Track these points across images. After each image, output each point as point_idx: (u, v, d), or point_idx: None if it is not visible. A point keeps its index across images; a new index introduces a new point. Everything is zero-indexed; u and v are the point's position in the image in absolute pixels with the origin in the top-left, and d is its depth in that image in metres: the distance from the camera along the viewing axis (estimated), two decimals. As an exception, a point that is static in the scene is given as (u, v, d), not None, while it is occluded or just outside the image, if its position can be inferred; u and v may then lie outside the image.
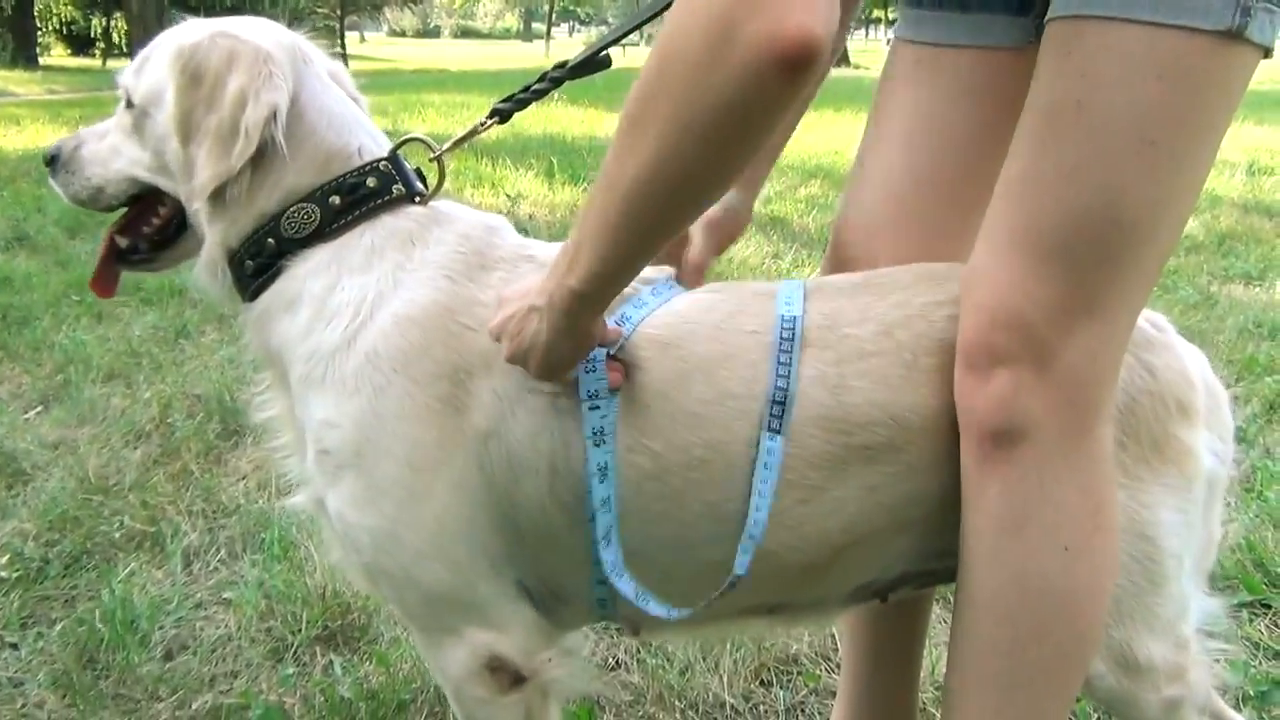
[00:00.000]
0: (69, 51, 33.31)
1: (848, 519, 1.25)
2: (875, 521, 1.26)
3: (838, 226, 1.56)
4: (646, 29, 1.38)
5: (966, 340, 1.20)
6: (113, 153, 1.44)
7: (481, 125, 1.34)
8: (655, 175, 1.02)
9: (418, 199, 1.36)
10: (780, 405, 1.22)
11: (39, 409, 3.33)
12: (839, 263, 1.53)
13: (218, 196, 1.32)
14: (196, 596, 2.29)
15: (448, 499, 1.24)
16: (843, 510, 1.25)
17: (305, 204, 1.32)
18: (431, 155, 1.40)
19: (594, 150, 8.79)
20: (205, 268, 1.40)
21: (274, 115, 1.29)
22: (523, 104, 1.29)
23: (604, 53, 1.34)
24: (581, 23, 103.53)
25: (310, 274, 1.31)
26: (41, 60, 28.66)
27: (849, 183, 1.56)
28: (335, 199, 1.32)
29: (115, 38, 32.55)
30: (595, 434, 1.21)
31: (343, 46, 38.81)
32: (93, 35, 33.55)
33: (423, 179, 1.41)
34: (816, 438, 1.22)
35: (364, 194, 1.33)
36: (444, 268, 1.29)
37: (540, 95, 1.29)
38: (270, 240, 1.33)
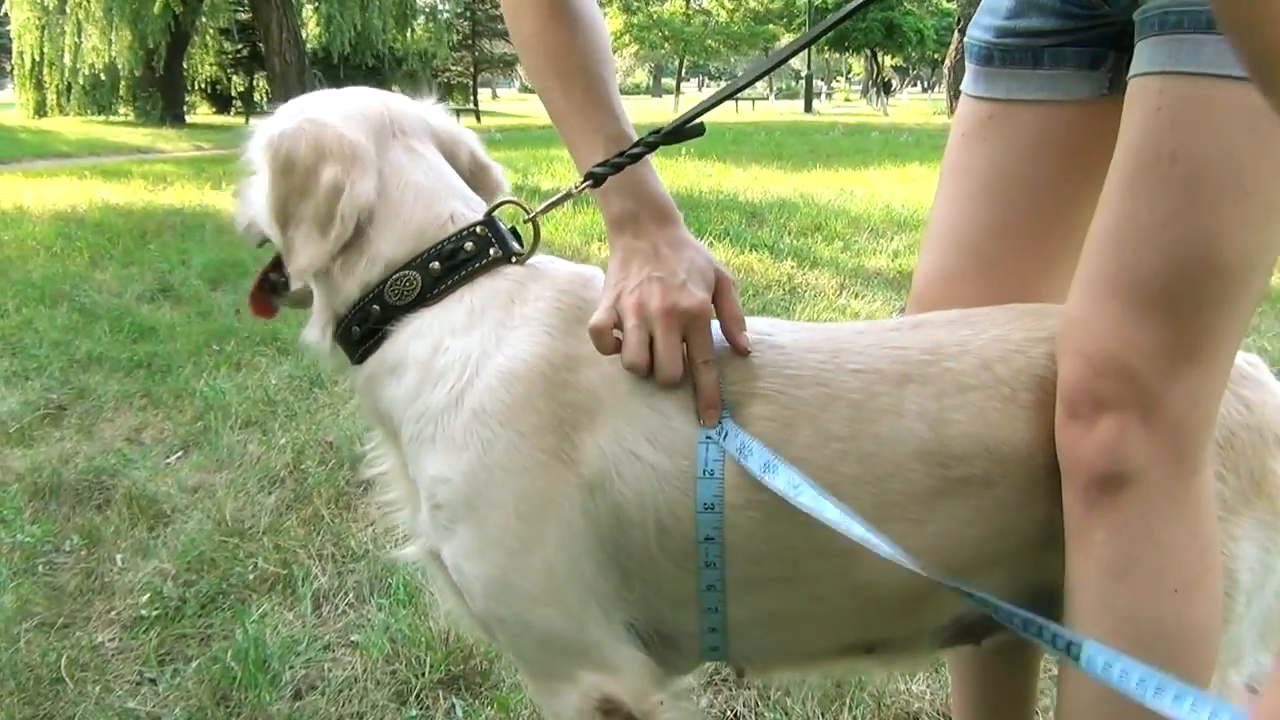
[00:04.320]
0: (214, 110, 34.77)
1: (944, 554, 1.27)
2: (967, 555, 1.28)
3: (916, 280, 1.60)
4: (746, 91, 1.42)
5: (1069, 387, 1.22)
6: (255, 199, 1.49)
7: (575, 189, 1.38)
8: None
9: (514, 259, 1.40)
10: None
11: (179, 454, 3.49)
12: (920, 311, 1.56)
13: (319, 273, 1.40)
14: (325, 638, 2.37)
15: (556, 546, 1.27)
16: (940, 545, 1.27)
17: (407, 271, 1.37)
18: (525, 217, 1.44)
19: (721, 205, 8.86)
20: (312, 331, 1.46)
21: (366, 204, 1.36)
22: (618, 168, 1.34)
23: (698, 120, 1.38)
24: (711, 78, 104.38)
25: (413, 338, 1.36)
26: (188, 118, 30.05)
27: (926, 239, 1.60)
28: (435, 264, 1.37)
29: (256, 96, 33.93)
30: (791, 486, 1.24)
31: (475, 103, 39.84)
32: (232, 94, 34.97)
33: (519, 238, 1.45)
34: (917, 471, 1.25)
35: (462, 258, 1.38)
36: (543, 323, 1.33)
37: (634, 159, 1.34)
38: (375, 307, 1.38)
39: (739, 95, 1.41)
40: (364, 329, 1.40)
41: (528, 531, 1.27)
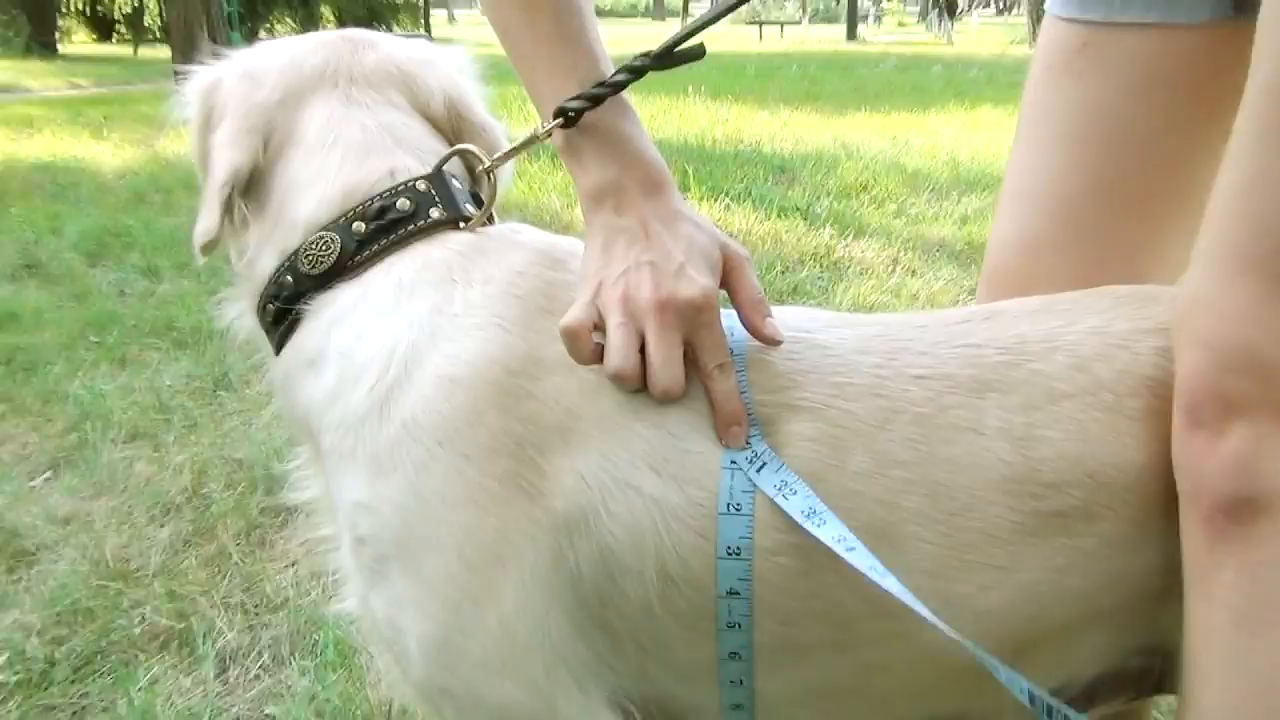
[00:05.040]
0: (93, 37, 34.72)
1: (1033, 610, 1.25)
2: (1063, 611, 1.26)
3: (990, 252, 1.58)
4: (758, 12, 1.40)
5: (1189, 386, 1.20)
6: None
7: (542, 132, 1.36)
8: None
9: (463, 224, 1.40)
10: None
11: (48, 475, 3.47)
12: (995, 289, 1.56)
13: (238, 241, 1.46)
14: (233, 710, 2.36)
15: (515, 600, 1.24)
16: (1029, 598, 1.24)
17: (324, 233, 1.39)
18: (480, 168, 1.44)
19: (741, 159, 8.85)
20: (234, 312, 1.52)
21: (233, 178, 1.40)
22: (596, 100, 1.31)
23: (697, 38, 1.36)
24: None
25: (334, 322, 1.36)
26: (61, 48, 30.01)
27: (1002, 200, 1.58)
28: (359, 225, 1.38)
29: (146, 20, 33.87)
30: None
31: (427, 27, 39.84)
32: (115, 17, 34.91)
33: (481, 203, 1.46)
34: (1000, 504, 1.23)
35: (393, 218, 1.38)
36: (493, 313, 1.31)
37: (618, 89, 1.32)
38: (289, 278, 1.40)
39: (757, 16, 1.36)
40: (277, 307, 1.41)
41: (476, 581, 1.24)
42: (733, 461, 1.23)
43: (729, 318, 1.33)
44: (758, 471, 1.22)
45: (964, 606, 1.24)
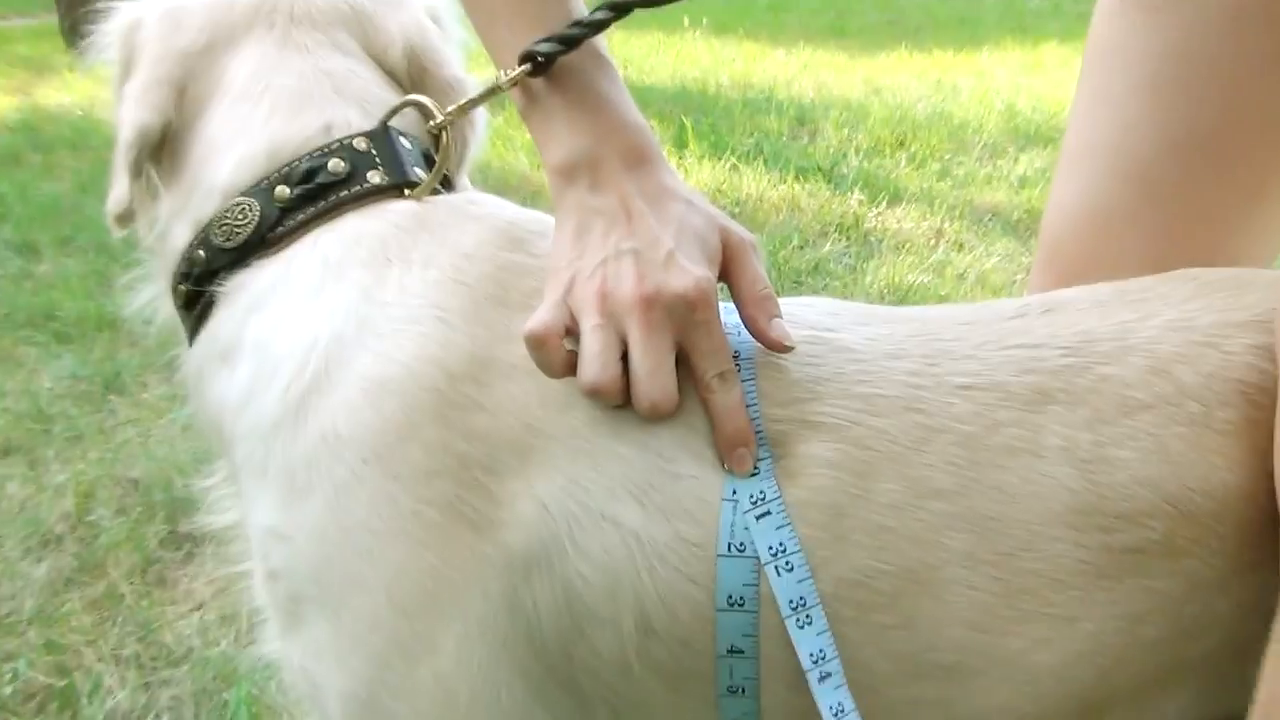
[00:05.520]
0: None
1: (1103, 666, 1.24)
2: (1139, 666, 1.25)
3: (1049, 222, 1.58)
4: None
5: None
6: None
7: (505, 80, 1.34)
8: None
9: (408, 191, 1.40)
10: None
11: (-101, 498, 3.46)
12: (1054, 269, 1.55)
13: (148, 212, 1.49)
14: (124, 788, 2.36)
15: (457, 654, 1.22)
16: (1098, 652, 1.23)
17: (243, 199, 1.39)
18: (433, 124, 1.44)
19: (751, 107, 8.85)
20: (145, 296, 1.55)
21: (140, 139, 1.41)
22: (571, 42, 1.29)
23: None
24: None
25: (251, 306, 1.35)
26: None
27: (1064, 158, 1.58)
28: (282, 189, 1.37)
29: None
30: None
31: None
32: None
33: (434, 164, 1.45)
34: (1062, 541, 1.21)
35: (323, 182, 1.38)
36: (435, 303, 1.29)
37: (598, 28, 1.30)
38: (201, 253, 1.40)
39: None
40: (188, 289, 1.42)
41: (408, 630, 1.23)
42: (734, 492, 1.21)
43: (733, 314, 1.31)
44: (757, 519, 1.20)
45: (1017, 665, 1.23)
